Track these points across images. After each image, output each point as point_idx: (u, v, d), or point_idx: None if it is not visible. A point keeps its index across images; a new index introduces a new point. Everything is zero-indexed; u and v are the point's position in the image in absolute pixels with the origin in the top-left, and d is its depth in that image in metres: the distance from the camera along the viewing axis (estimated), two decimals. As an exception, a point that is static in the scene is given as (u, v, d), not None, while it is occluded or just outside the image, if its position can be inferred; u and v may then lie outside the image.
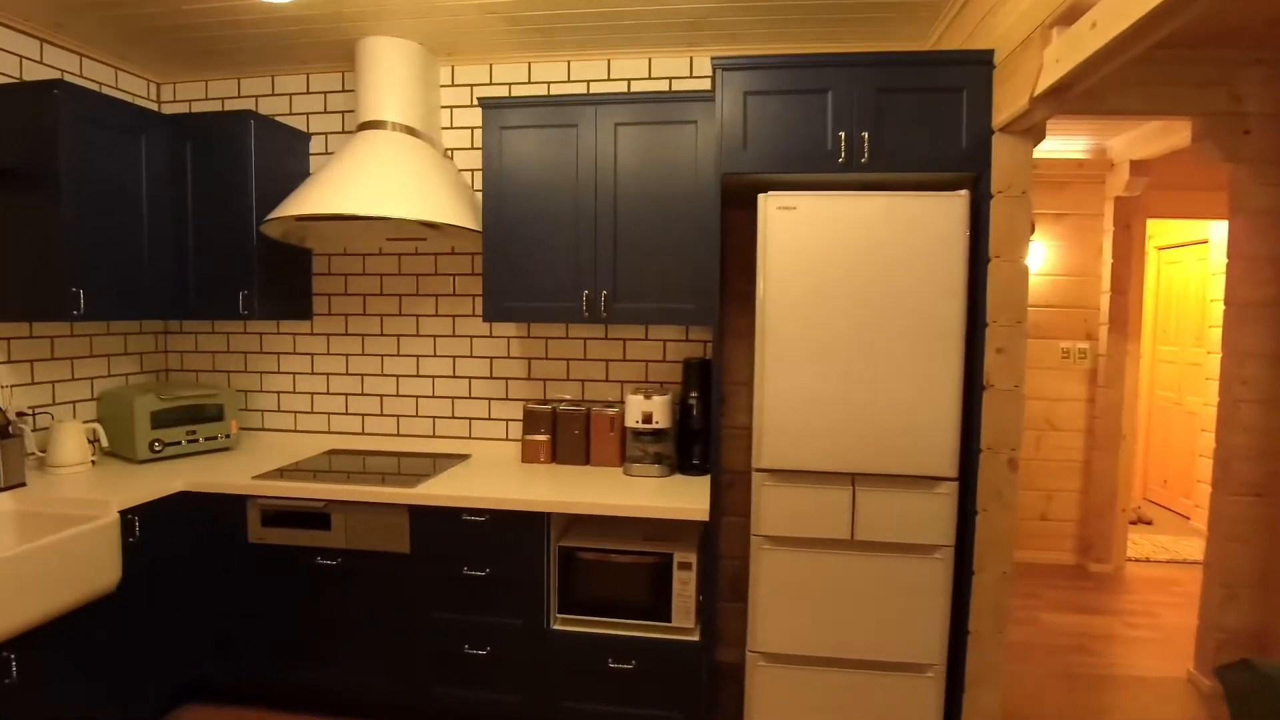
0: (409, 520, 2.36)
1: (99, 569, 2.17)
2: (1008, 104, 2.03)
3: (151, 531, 2.37)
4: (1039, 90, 1.83)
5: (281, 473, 2.56)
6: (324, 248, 3.04)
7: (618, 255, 2.48)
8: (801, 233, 2.13)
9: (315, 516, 2.42)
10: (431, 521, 2.35)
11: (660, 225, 2.46)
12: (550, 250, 2.52)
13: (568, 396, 2.90)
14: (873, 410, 2.14)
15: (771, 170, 2.19)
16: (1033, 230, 4.04)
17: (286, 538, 2.44)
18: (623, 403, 2.84)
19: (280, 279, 2.86)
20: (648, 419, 2.56)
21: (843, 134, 2.13)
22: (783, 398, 2.16)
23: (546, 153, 2.51)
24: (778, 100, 2.17)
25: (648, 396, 2.56)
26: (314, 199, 2.42)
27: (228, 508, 2.48)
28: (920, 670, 2.20)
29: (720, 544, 2.45)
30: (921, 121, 2.13)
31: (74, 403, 2.79)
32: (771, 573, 2.22)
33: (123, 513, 2.27)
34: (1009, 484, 2.15)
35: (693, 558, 2.28)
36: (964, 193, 2.09)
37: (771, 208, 2.14)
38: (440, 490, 2.35)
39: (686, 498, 2.29)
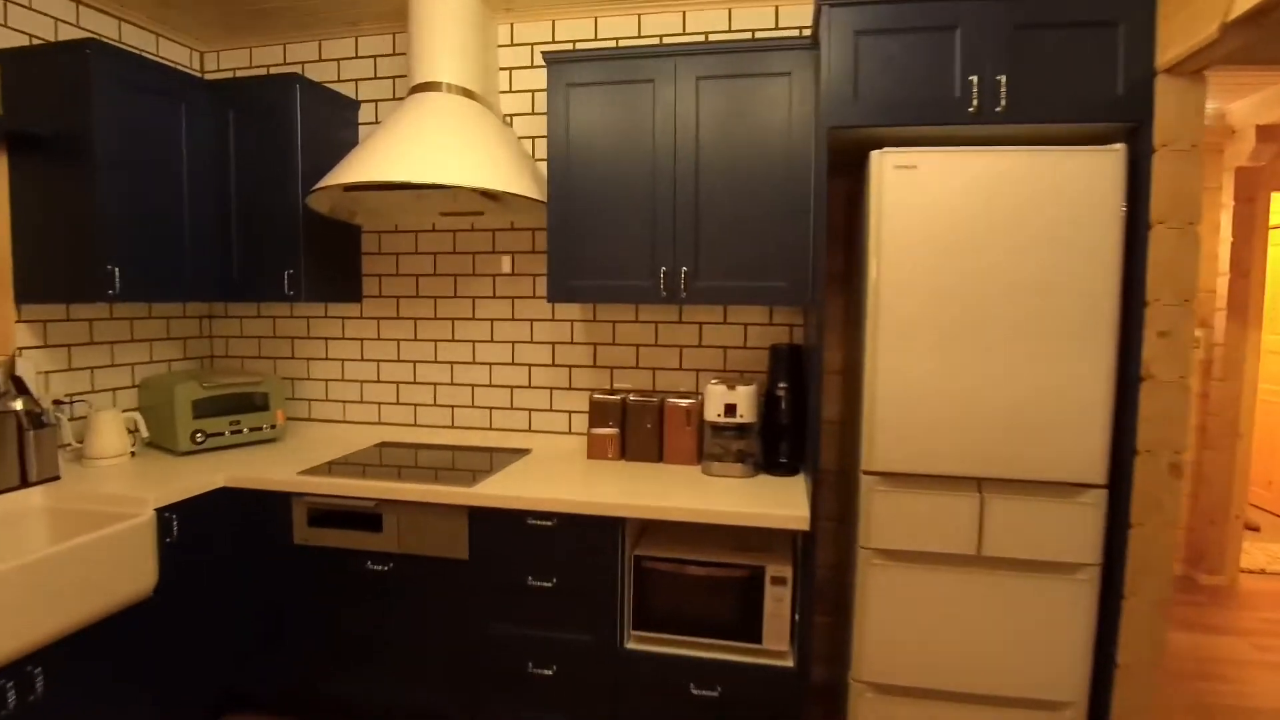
0: (468, 523, 2.13)
1: (133, 573, 1.98)
2: (1178, 38, 1.68)
3: (191, 531, 2.18)
4: (1237, 12, 1.48)
5: (330, 467, 2.35)
6: (374, 224, 2.82)
7: (699, 227, 2.20)
8: (922, 196, 1.82)
9: (366, 517, 2.20)
10: (492, 525, 2.11)
11: (747, 193, 2.17)
12: (623, 223, 2.24)
13: (630, 387, 2.63)
14: (1006, 404, 1.82)
15: (886, 122, 1.88)
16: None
17: (335, 539, 2.23)
18: (699, 394, 2.56)
19: (328, 258, 2.65)
20: (731, 411, 2.28)
21: (975, 78, 1.81)
22: (899, 389, 1.86)
23: (619, 113, 2.23)
24: (895, 40, 1.85)
25: (731, 387, 2.28)
26: (364, 166, 2.19)
27: (272, 505, 2.27)
28: (1056, 709, 1.88)
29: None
30: (1069, 62, 1.79)
31: (114, 390, 2.62)
32: (882, 591, 1.92)
33: (160, 510, 2.08)
34: (1171, 493, 1.81)
35: (788, 571, 2.00)
36: (1119, 146, 1.76)
37: (887, 167, 1.83)
38: (501, 490, 2.10)
39: (780, 502, 2.00)
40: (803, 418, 2.33)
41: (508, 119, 2.67)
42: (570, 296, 2.29)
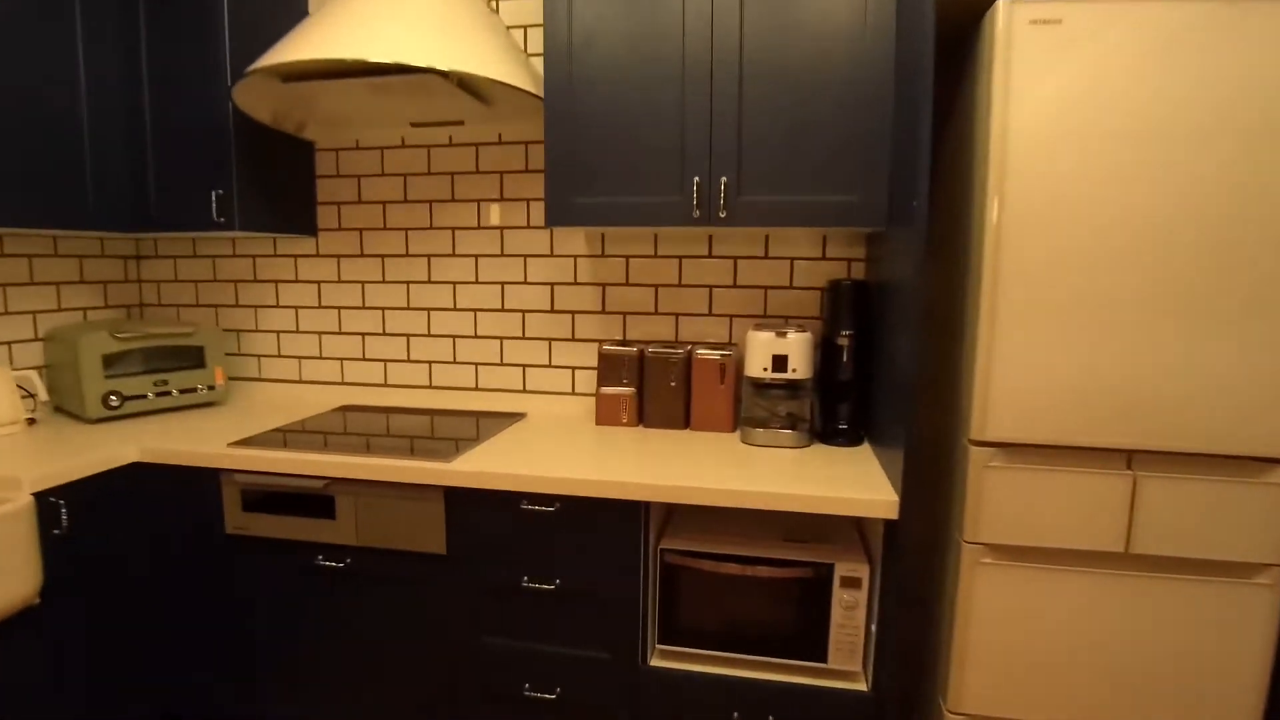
0: (444, 508, 1.64)
1: (4, 574, 1.50)
2: None
3: (88, 519, 1.70)
4: None
5: (269, 438, 1.86)
6: (330, 138, 2.29)
7: (743, 125, 1.68)
8: (1070, 68, 1.31)
9: (315, 500, 1.72)
10: (477, 510, 1.63)
11: (807, 83, 1.65)
12: (643, 122, 1.73)
13: (648, 337, 2.13)
14: (1170, 353, 1.33)
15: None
16: None
17: (276, 528, 1.75)
18: (735, 344, 2.07)
19: (271, 179, 2.12)
20: (780, 365, 1.79)
21: (1148, -110, 1.29)
22: (1024, 339, 1.37)
23: (637, -23, 1.70)
24: None
25: (781, 334, 1.79)
26: (306, 43, 1.66)
27: (198, 486, 1.79)
28: (1219, 750, 1.43)
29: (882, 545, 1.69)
30: None
31: (7, 344, 2.11)
32: (992, 599, 1.46)
33: (41, 495, 1.59)
34: (1393, 470, 1.34)
35: (863, 572, 1.53)
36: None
37: (1018, 24, 1.32)
38: (488, 465, 1.61)
39: (854, 481, 1.53)
40: (868, 373, 1.84)
41: (493, 4, 2.13)
42: (574, 219, 1.78)
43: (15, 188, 1.77)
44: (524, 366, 2.22)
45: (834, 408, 1.86)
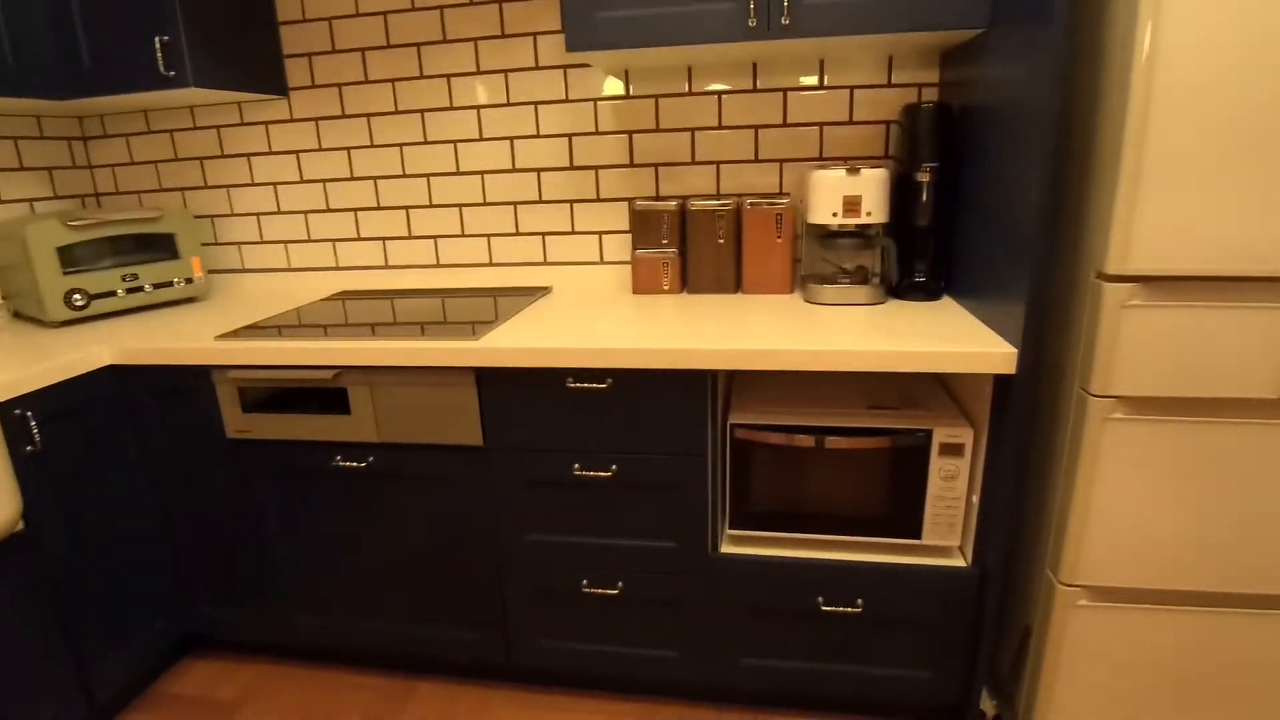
0: (477, 392, 1.42)
1: (-30, 500, 1.29)
2: None
3: (63, 433, 1.47)
4: None
5: (272, 327, 1.61)
6: (289, -26, 1.91)
7: (809, -99, 1.34)
8: None
9: (326, 394, 1.49)
10: (516, 392, 1.41)
11: None
12: (679, -94, 1.38)
13: (685, 192, 1.85)
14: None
15: None
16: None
17: (284, 428, 1.53)
18: (785, 194, 1.80)
19: (226, 23, 1.77)
20: (853, 209, 1.53)
21: None
22: (1183, 145, 1.10)
23: None
24: None
25: (854, 170, 1.51)
26: None
27: (189, 387, 1.56)
28: (1365, 605, 1.28)
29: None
30: None
31: (-56, 239, 1.82)
32: (1120, 461, 1.26)
33: (3, 407, 1.36)
34: None
35: (967, 436, 1.33)
36: None
37: None
38: (523, 340, 1.38)
39: (951, 335, 1.30)
40: (952, 216, 1.58)
41: None
42: (601, 39, 1.46)
43: (-92, 37, 1.44)
44: (544, 235, 1.95)
45: (911, 257, 1.61)
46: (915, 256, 1.61)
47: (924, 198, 1.56)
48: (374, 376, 1.45)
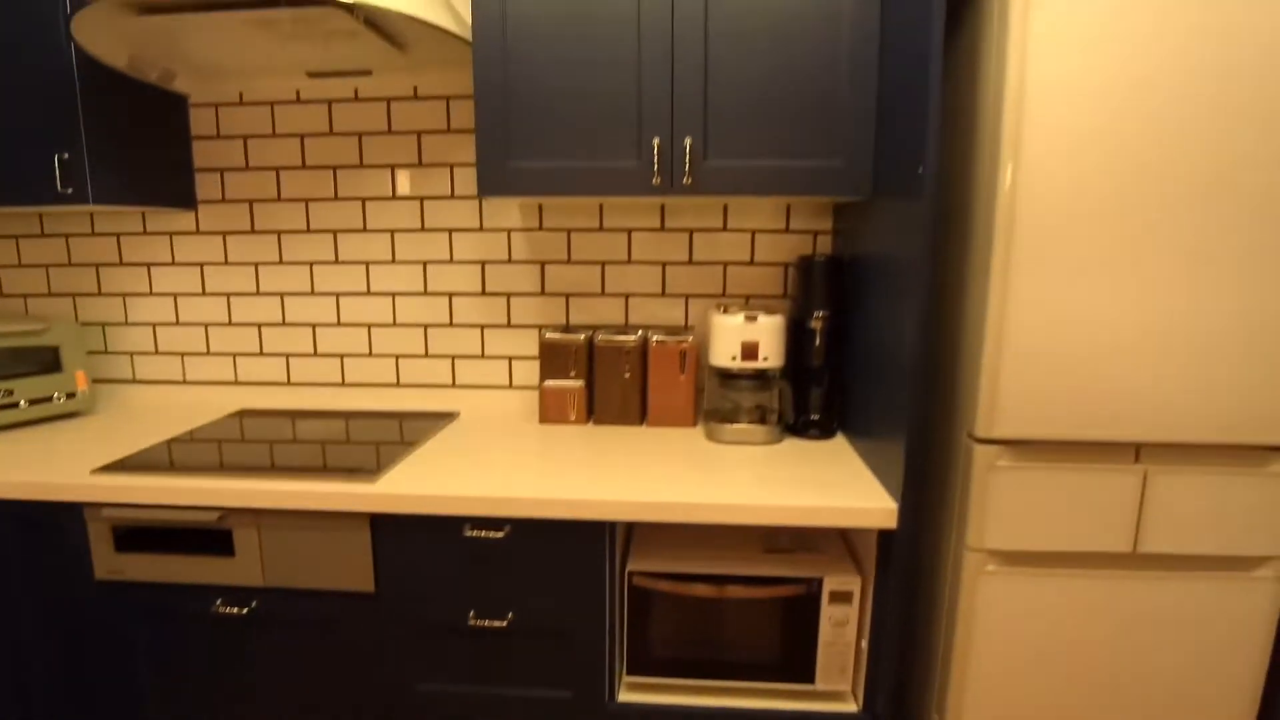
0: (371, 537, 1.38)
1: None
2: None
3: (-95, 576, 1.35)
4: None
5: (153, 457, 1.54)
6: (207, 91, 1.91)
7: (710, 79, 1.45)
8: (1094, 23, 1.14)
9: (209, 535, 1.42)
10: (411, 539, 1.38)
11: (782, 30, 1.43)
12: (593, 72, 1.47)
13: (595, 321, 1.90)
14: (1183, 336, 1.21)
15: (1031, -112, 1.17)
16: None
17: (160, 570, 1.44)
18: (690, 327, 1.87)
19: (133, 140, 1.75)
20: (751, 353, 1.60)
21: None
22: (1039, 325, 1.22)
23: (578, -104, 1.43)
24: None
25: (750, 318, 1.59)
26: (157, -34, 1.31)
27: (56, 523, 1.46)
28: (1218, 747, 1.36)
29: (865, 552, 1.54)
30: None
31: None
32: (996, 609, 1.33)
33: None
34: (1402, 453, 1.27)
35: (855, 584, 1.37)
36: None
37: (1033, -29, 1.14)
38: (422, 484, 1.36)
39: (838, 483, 1.36)
40: (840, 359, 1.68)
41: (400, -69, 1.80)
42: (511, 187, 1.52)
43: None
44: (453, 358, 1.95)
45: (805, 397, 1.69)
46: (810, 396, 1.69)
47: (817, 342, 1.66)
48: (263, 518, 1.40)
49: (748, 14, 1.42)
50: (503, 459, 1.52)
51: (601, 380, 1.77)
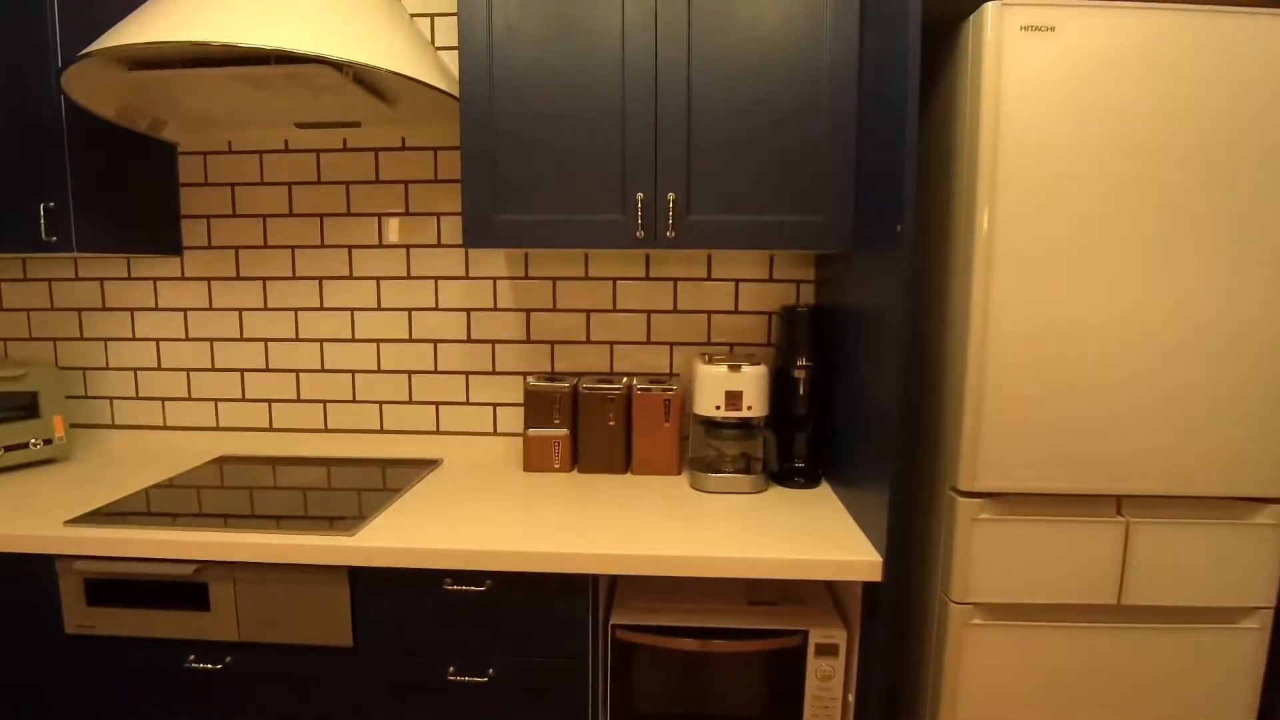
0: (350, 591, 1.36)
1: None
2: None
3: None
4: None
5: (129, 506, 1.51)
6: (195, 139, 1.93)
7: (693, 135, 1.49)
8: (1062, 81, 1.19)
9: (183, 588, 1.39)
10: (390, 593, 1.36)
11: (762, 89, 1.47)
12: (578, 129, 1.50)
13: (579, 369, 1.90)
14: (1163, 389, 1.24)
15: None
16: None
17: (133, 624, 1.41)
18: (674, 374, 1.88)
19: (120, 188, 1.76)
20: (735, 402, 1.61)
21: (1138, -113, 1.18)
22: (1019, 375, 1.24)
23: (565, -39, 1.48)
24: None
25: (734, 368, 1.60)
26: (162, 20, 1.33)
27: (26, 575, 1.42)
28: (1208, 803, 1.35)
29: (854, 603, 1.53)
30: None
31: None
32: (981, 662, 1.32)
33: None
34: (1377, 504, 1.29)
35: (840, 637, 1.36)
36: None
37: (1009, 29, 1.18)
38: (402, 537, 1.35)
39: (822, 534, 1.36)
40: (824, 407, 1.69)
41: (391, -12, 1.84)
42: (497, 239, 1.54)
43: None
44: (437, 404, 1.95)
45: (789, 446, 1.70)
46: (795, 445, 1.70)
47: (801, 391, 1.67)
48: (239, 572, 1.37)
49: (729, 72, 1.46)
50: (485, 509, 1.51)
51: (586, 428, 1.77)
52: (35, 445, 1.84)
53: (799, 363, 1.65)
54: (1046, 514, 1.27)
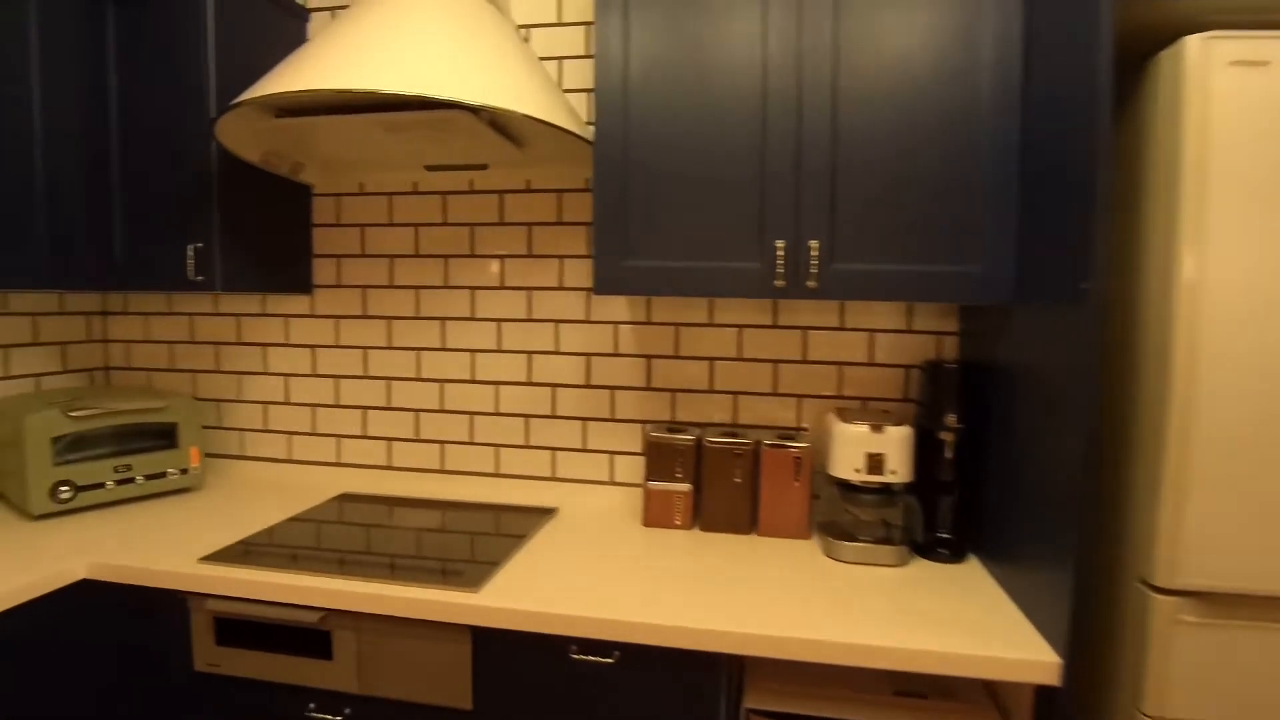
0: (471, 651, 1.31)
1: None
2: None
3: (20, 664, 1.35)
4: None
5: (257, 547, 1.52)
6: (330, 183, 1.99)
7: (838, 178, 1.39)
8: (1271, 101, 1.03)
9: (307, 635, 1.38)
10: (513, 656, 1.30)
11: (916, 127, 1.37)
12: (715, 172, 1.44)
13: (701, 419, 1.82)
14: None
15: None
16: None
17: (257, 667, 1.41)
18: (803, 427, 1.77)
19: (261, 230, 1.82)
20: (876, 466, 1.48)
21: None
22: (1235, 449, 1.07)
23: (709, 20, 1.42)
24: None
25: (877, 428, 1.48)
26: (307, 71, 1.36)
27: (160, 611, 1.45)
28: None
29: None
30: None
31: (-60, 420, 1.77)
32: (1181, 789, 1.14)
33: (-44, 637, 1.25)
34: None
35: (1004, 743, 1.21)
36: None
37: (1215, 63, 1.04)
38: (527, 598, 1.29)
39: (982, 622, 1.21)
40: (973, 473, 1.54)
41: (524, 33, 1.85)
42: (627, 286, 1.48)
43: (-54, 244, 1.45)
44: (554, 450, 1.90)
45: (933, 514, 1.55)
46: (938, 513, 1.55)
47: (948, 455, 1.53)
48: (362, 622, 1.35)
49: (877, 109, 1.36)
50: (607, 568, 1.44)
51: (710, 484, 1.67)
52: (172, 474, 1.90)
53: (946, 423, 1.51)
54: (1269, 620, 1.09)
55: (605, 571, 1.42)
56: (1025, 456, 1.28)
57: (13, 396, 1.89)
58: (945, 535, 1.54)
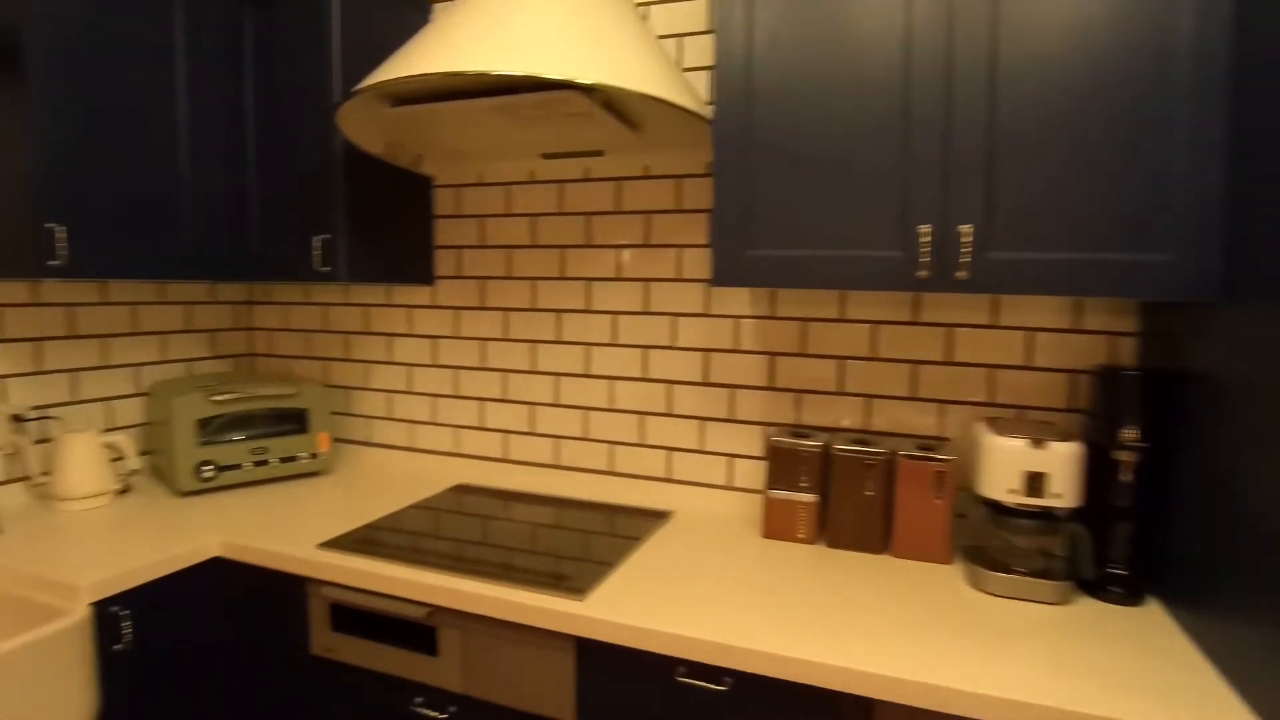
0: (575, 663, 1.25)
1: (53, 704, 1.23)
2: None
3: (153, 629, 1.43)
4: None
5: (373, 536, 1.53)
6: (450, 173, 1.99)
7: (995, 153, 1.20)
8: None
9: (415, 629, 1.37)
10: (616, 674, 1.22)
11: (1094, 86, 1.15)
12: (848, 151, 1.29)
13: (828, 424, 1.66)
14: None
15: None
16: None
17: (368, 656, 1.41)
18: (944, 439, 1.58)
19: (385, 222, 1.84)
20: (1036, 486, 1.28)
21: None
22: None
23: (845, -38, 1.27)
24: None
25: (1038, 442, 1.28)
26: (418, 57, 1.33)
27: (282, 592, 1.49)
28: None
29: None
30: None
31: (107, 400, 1.92)
32: None
33: (102, 604, 1.33)
34: None
35: (1198, 832, 0.99)
36: None
37: None
38: (634, 611, 1.21)
39: (1171, 684, 1.00)
40: (1158, 501, 1.30)
41: (641, 10, 1.76)
42: (749, 277, 1.36)
43: (99, 229, 1.55)
44: (669, 450, 1.81)
45: (1104, 546, 1.33)
46: (1111, 545, 1.33)
47: (1126, 477, 1.30)
48: (467, 622, 1.31)
49: (1044, 65, 1.16)
50: (722, 583, 1.33)
51: (838, 495, 1.53)
52: (303, 458, 1.97)
53: (1125, 440, 1.28)
54: None
55: (720, 586, 1.32)
56: (1233, 485, 1.05)
57: (167, 380, 2.03)
58: (1119, 571, 1.32)
